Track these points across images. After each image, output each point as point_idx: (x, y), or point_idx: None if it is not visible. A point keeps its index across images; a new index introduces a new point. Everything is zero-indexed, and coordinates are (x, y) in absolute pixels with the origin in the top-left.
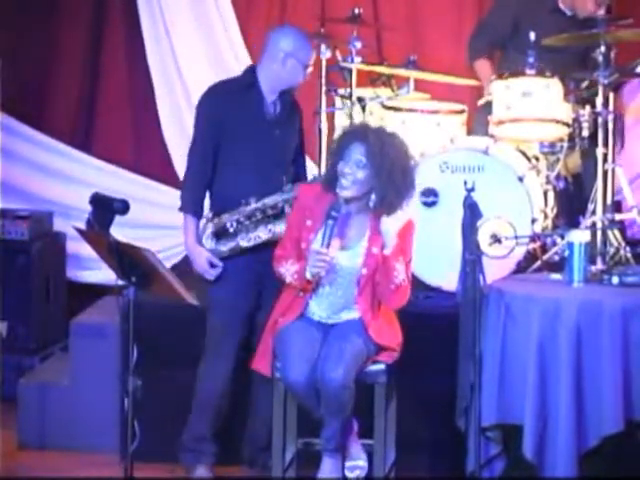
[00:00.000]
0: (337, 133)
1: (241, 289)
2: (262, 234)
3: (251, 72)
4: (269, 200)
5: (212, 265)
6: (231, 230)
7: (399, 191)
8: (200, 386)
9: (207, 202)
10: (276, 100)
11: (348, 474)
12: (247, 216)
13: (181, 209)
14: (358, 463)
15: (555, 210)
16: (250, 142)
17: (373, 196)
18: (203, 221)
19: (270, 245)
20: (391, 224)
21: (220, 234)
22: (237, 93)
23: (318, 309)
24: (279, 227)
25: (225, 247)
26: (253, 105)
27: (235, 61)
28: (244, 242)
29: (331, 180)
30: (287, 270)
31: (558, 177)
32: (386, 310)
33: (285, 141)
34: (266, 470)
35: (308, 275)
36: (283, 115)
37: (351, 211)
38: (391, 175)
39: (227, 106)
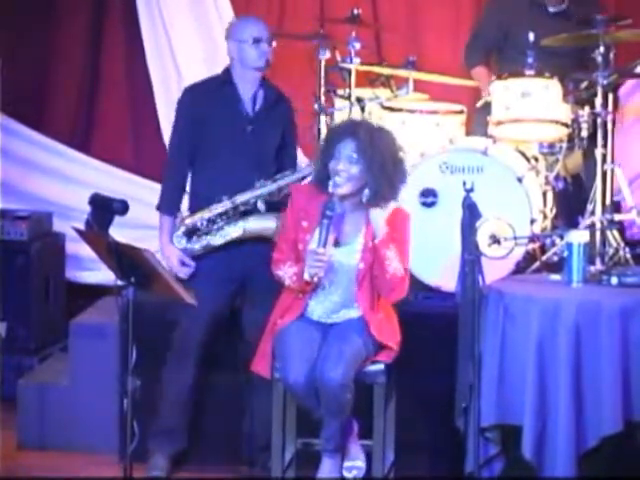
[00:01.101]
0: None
1: (209, 290)
2: (234, 232)
3: (227, 70)
4: (241, 197)
5: (184, 264)
6: (202, 229)
7: (392, 183)
8: (164, 389)
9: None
10: (257, 94)
11: (346, 474)
12: (219, 214)
13: (157, 208)
14: (356, 463)
15: (554, 211)
16: (225, 140)
17: (366, 191)
18: (178, 220)
19: (251, 241)
20: (378, 213)
21: (192, 233)
22: (213, 91)
23: (318, 309)
24: (251, 224)
25: (197, 245)
26: (228, 102)
27: None
28: (215, 240)
29: (323, 180)
30: (285, 273)
31: (557, 178)
32: (386, 308)
33: (262, 137)
34: (266, 470)
35: (306, 276)
36: (263, 111)
37: (346, 209)
38: (383, 168)
39: (202, 105)
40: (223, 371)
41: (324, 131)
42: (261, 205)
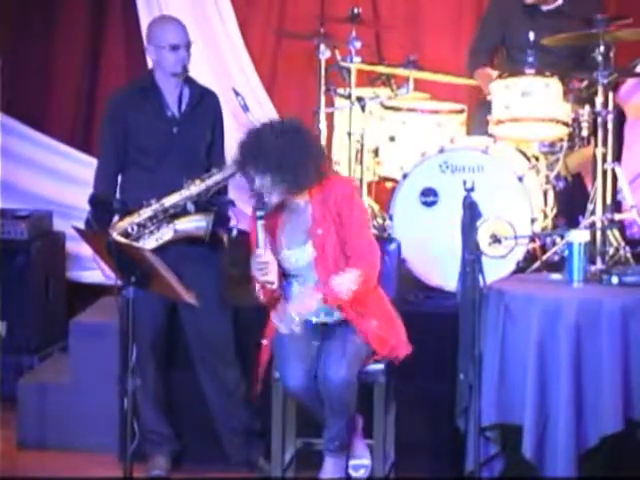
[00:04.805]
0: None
1: (145, 295)
2: (165, 234)
3: (149, 73)
4: (169, 200)
5: None
6: (133, 234)
7: (305, 167)
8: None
9: None
10: (182, 94)
11: (352, 473)
12: (149, 218)
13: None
14: (363, 462)
15: (555, 210)
16: (151, 144)
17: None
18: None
19: (182, 242)
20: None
21: (124, 238)
22: (136, 97)
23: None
24: (181, 225)
25: None
26: (152, 106)
27: (234, 61)
28: (148, 244)
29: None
30: (255, 288)
31: (558, 177)
32: (385, 310)
33: (189, 137)
34: (257, 469)
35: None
36: (189, 110)
37: (290, 211)
38: (286, 165)
39: (127, 112)
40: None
41: (323, 131)
42: (190, 206)
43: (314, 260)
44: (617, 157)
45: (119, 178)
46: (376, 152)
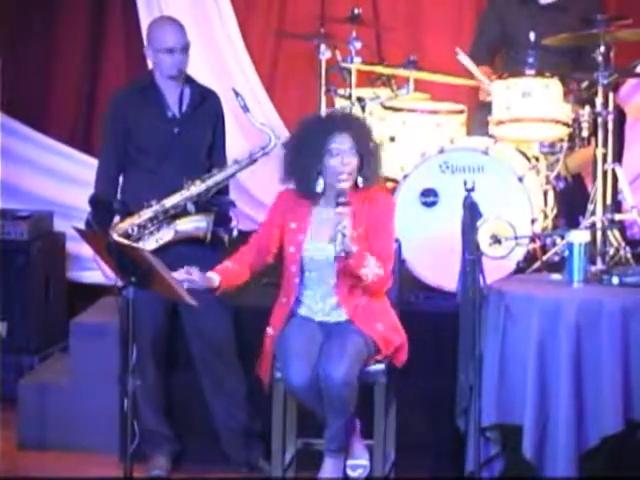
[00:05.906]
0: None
1: (146, 294)
2: (165, 235)
3: (150, 73)
4: (169, 200)
5: None
6: (134, 235)
7: (380, 167)
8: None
9: None
10: (182, 94)
11: (350, 473)
12: (149, 219)
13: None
14: (361, 462)
15: (555, 210)
16: (151, 144)
17: (359, 178)
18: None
19: (182, 243)
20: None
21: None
22: (137, 97)
23: (312, 300)
24: (181, 226)
25: None
26: (152, 106)
27: (234, 61)
28: (149, 245)
29: (308, 180)
30: None
31: (558, 177)
32: (389, 317)
33: (190, 138)
34: (257, 470)
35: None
36: (190, 110)
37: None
38: (374, 154)
39: (127, 113)
40: None
41: None
42: (190, 206)
43: (335, 259)
44: (617, 157)
45: (120, 179)
46: None
